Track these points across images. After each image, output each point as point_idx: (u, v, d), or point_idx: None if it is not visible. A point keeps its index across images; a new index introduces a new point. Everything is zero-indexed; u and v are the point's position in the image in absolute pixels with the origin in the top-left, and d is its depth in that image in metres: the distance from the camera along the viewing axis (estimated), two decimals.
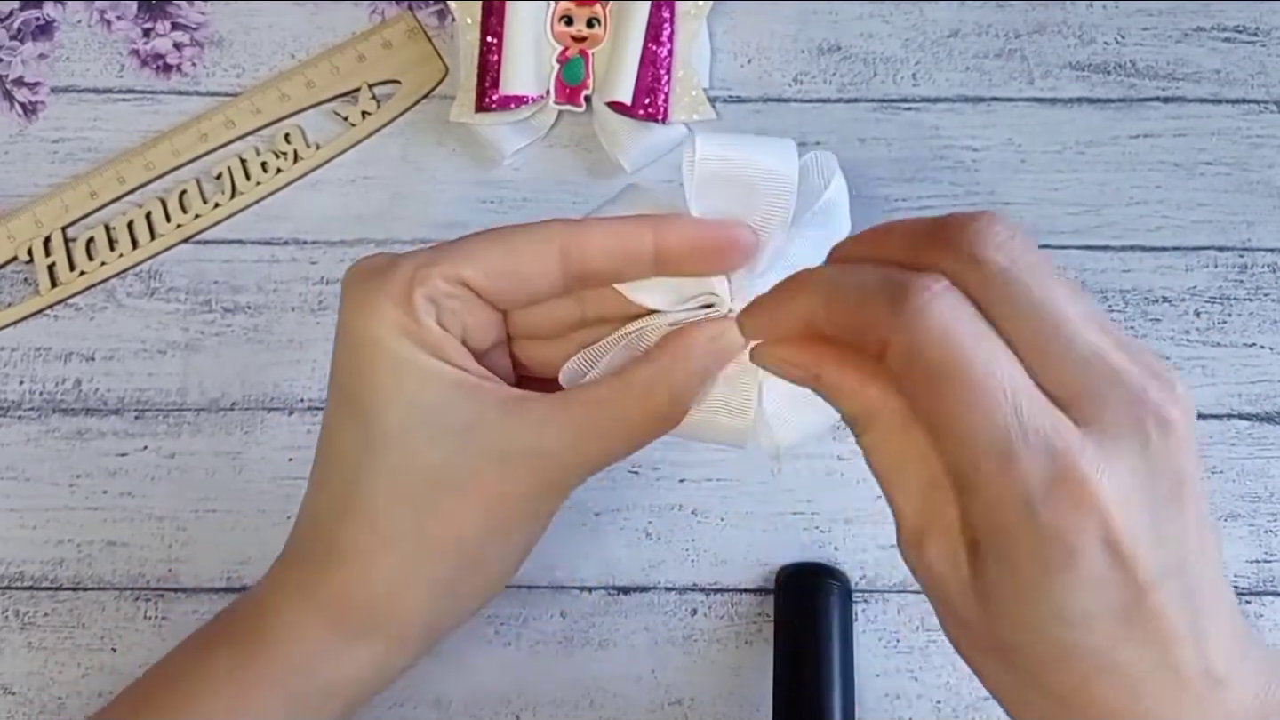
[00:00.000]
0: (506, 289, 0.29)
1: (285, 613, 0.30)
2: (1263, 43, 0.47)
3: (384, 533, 0.29)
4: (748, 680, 0.42)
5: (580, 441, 0.29)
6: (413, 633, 0.31)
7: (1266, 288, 0.45)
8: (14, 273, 0.46)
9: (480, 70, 0.45)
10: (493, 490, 0.29)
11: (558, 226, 0.30)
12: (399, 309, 0.28)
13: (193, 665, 0.32)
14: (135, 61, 0.48)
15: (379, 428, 0.29)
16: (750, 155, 0.30)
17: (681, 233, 0.30)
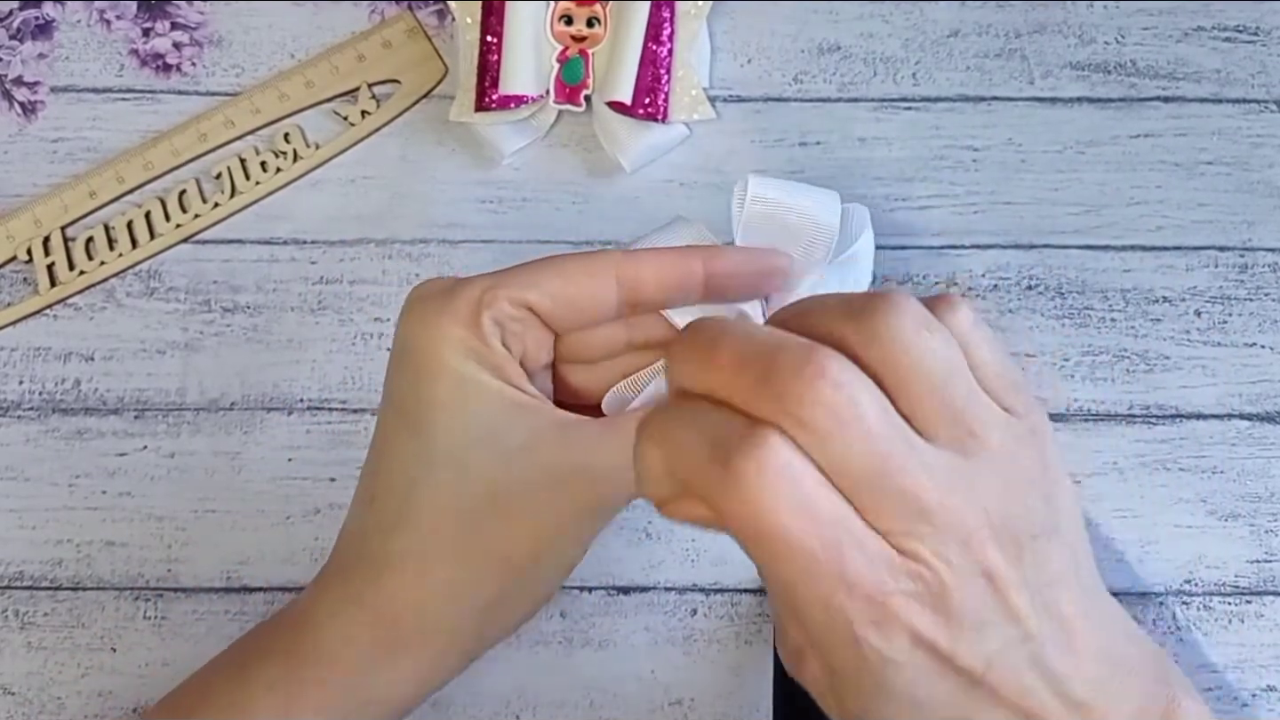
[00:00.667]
0: (567, 314, 0.31)
1: (330, 624, 0.31)
2: (1263, 42, 0.47)
3: (437, 545, 0.30)
4: (748, 680, 0.42)
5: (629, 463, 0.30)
6: (456, 647, 0.31)
7: (1267, 287, 0.45)
8: (13, 272, 0.46)
9: (480, 70, 0.45)
10: (545, 509, 0.30)
11: (615, 256, 0.31)
12: (465, 329, 0.30)
13: (233, 677, 0.32)
14: (135, 61, 0.48)
15: (438, 443, 0.30)
16: (797, 201, 0.33)
17: (729, 260, 0.32)
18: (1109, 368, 0.44)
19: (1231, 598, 0.42)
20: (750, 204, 0.33)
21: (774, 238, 0.33)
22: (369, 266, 0.46)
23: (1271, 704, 0.42)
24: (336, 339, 0.45)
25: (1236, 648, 0.42)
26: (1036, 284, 0.45)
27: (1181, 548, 0.43)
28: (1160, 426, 0.44)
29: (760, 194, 0.33)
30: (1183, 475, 0.43)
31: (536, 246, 0.46)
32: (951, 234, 0.46)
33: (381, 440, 0.32)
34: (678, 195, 0.46)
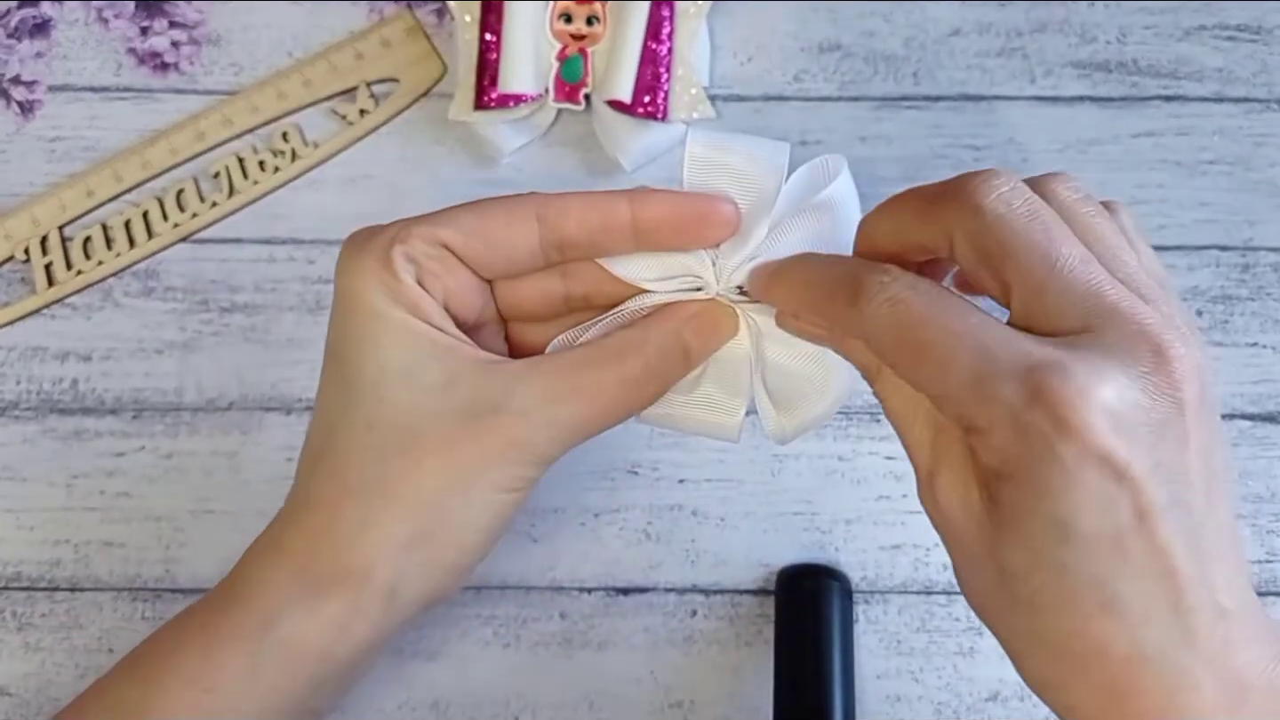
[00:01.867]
0: (484, 252, 0.30)
1: (255, 565, 0.31)
2: (1265, 41, 0.47)
3: (350, 482, 0.30)
4: (748, 682, 0.42)
5: (549, 401, 0.30)
6: (375, 592, 0.30)
7: (1269, 287, 0.45)
8: (11, 272, 0.46)
9: (479, 68, 0.45)
10: (459, 449, 0.29)
11: (538, 196, 0.30)
12: (379, 265, 0.30)
13: (175, 625, 0.33)
14: (132, 60, 0.48)
15: (355, 379, 0.30)
16: (742, 148, 0.31)
17: (659, 202, 0.30)
18: None
19: None
20: (690, 154, 0.31)
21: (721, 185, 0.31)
22: None
23: None
24: None
25: None
26: None
27: None
28: None
29: (701, 140, 0.31)
30: None
31: None
32: None
33: (320, 382, 0.32)
34: None
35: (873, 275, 0.25)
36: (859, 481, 0.43)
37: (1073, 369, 0.22)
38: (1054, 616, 0.23)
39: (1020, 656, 0.25)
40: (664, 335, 0.31)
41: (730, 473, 0.44)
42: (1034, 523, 0.23)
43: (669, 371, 0.31)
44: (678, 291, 0.31)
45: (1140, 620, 0.22)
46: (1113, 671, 0.23)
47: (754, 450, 0.44)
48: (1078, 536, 0.22)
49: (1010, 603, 0.24)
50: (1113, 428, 0.22)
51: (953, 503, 0.25)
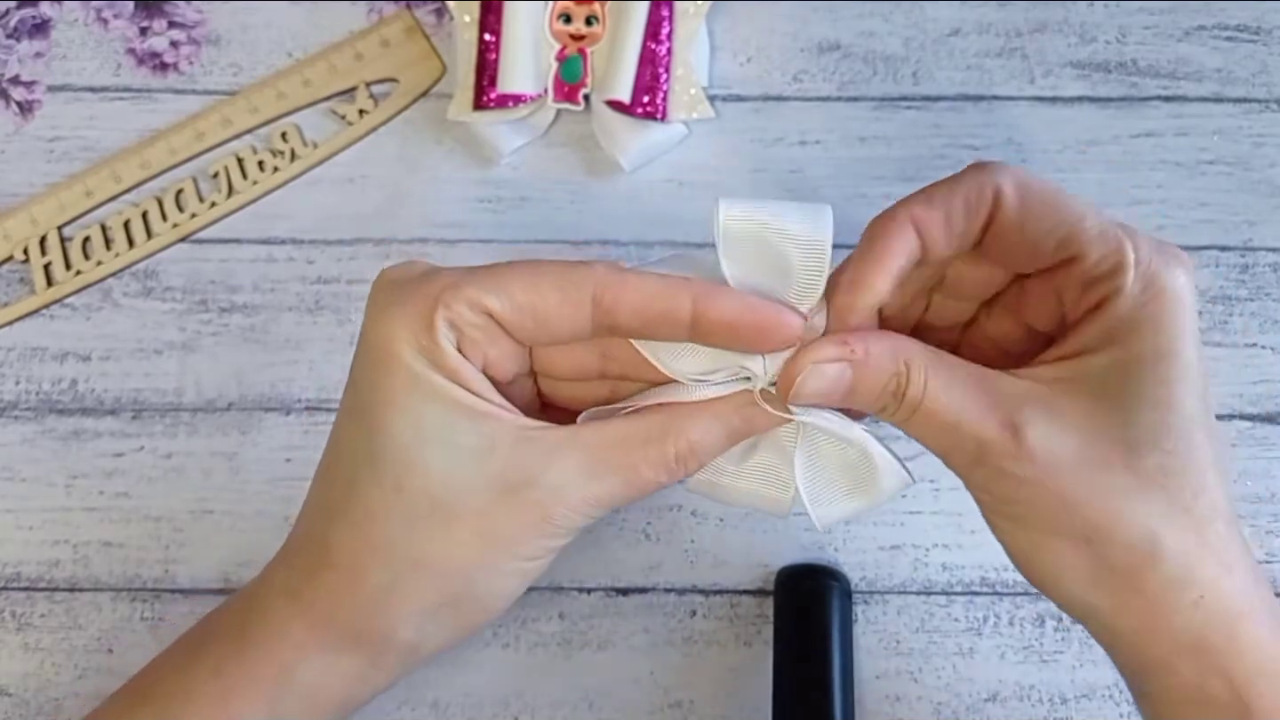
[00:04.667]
0: (530, 326, 0.29)
1: (271, 613, 0.30)
2: (1264, 42, 0.47)
3: (377, 544, 0.29)
4: (747, 682, 0.42)
5: (586, 478, 0.29)
6: (396, 650, 0.30)
7: (1268, 287, 0.45)
8: (10, 272, 0.46)
9: (478, 68, 0.45)
10: (492, 521, 0.29)
11: (597, 272, 0.28)
12: (419, 326, 0.28)
13: (182, 663, 0.32)
14: (132, 60, 0.48)
15: (385, 438, 0.28)
16: (780, 218, 0.29)
17: (724, 306, 0.28)
18: None
19: None
20: (726, 225, 0.29)
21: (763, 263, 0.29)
22: (367, 266, 0.45)
23: None
24: (334, 339, 0.45)
25: None
26: None
27: None
28: None
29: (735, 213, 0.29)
30: None
31: (535, 246, 0.46)
32: None
33: (336, 427, 0.30)
34: (676, 195, 0.46)
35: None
36: None
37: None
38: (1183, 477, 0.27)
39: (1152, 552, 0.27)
40: (710, 422, 0.30)
41: None
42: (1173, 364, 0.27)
43: (711, 453, 0.30)
44: (722, 384, 0.30)
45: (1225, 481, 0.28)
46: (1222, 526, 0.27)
47: None
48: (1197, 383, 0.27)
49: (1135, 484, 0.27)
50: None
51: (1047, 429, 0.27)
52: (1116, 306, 0.27)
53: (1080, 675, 0.41)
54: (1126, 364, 0.27)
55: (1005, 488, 0.28)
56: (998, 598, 0.42)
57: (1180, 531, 0.27)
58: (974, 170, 0.29)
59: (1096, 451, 0.27)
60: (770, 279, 0.29)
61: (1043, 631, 0.42)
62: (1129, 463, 0.27)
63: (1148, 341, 0.27)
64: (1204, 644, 0.27)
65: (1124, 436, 0.27)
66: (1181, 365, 0.27)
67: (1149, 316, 0.27)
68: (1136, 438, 0.27)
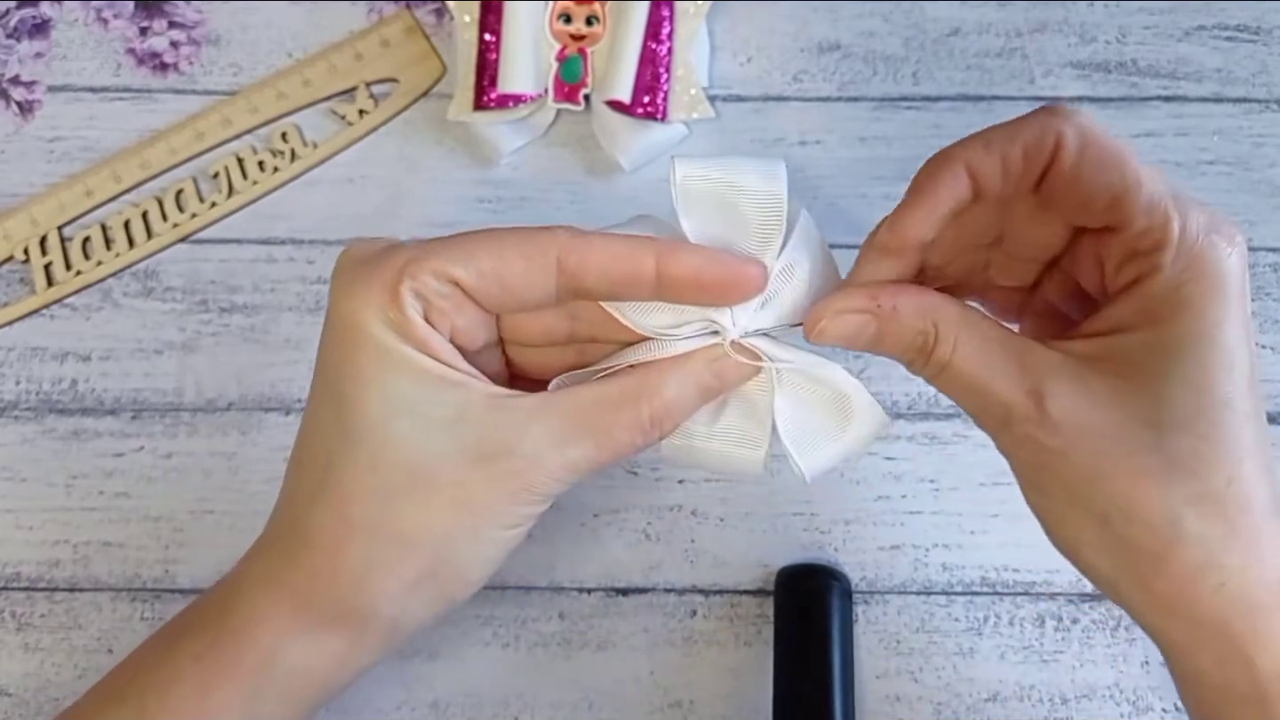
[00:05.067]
0: (497, 293, 0.29)
1: (251, 598, 0.30)
2: (1264, 42, 0.47)
3: (354, 522, 0.29)
4: (747, 682, 0.42)
5: (561, 443, 0.29)
6: (378, 627, 0.30)
7: (1268, 287, 0.45)
8: (10, 272, 0.46)
9: (478, 68, 0.45)
10: (470, 490, 0.29)
11: (560, 237, 0.29)
12: (385, 299, 0.28)
13: (162, 651, 0.32)
14: (132, 60, 0.48)
15: (357, 415, 0.28)
16: (734, 174, 0.29)
17: (688, 261, 0.29)
18: None
19: None
20: (681, 184, 0.29)
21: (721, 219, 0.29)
22: None
23: None
24: None
25: None
26: None
27: None
28: None
29: (689, 172, 0.29)
30: None
31: None
32: None
33: (308, 408, 0.30)
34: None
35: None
36: (858, 482, 0.43)
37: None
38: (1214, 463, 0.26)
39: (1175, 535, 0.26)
40: (682, 379, 0.30)
41: None
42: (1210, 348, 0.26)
43: (685, 412, 0.30)
44: (691, 339, 0.30)
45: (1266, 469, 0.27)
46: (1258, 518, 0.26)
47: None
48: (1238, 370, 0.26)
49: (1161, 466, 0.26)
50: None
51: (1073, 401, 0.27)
52: (1153, 285, 0.27)
53: (1080, 675, 0.41)
54: (1162, 344, 0.27)
55: (1030, 455, 0.28)
56: (998, 598, 0.42)
57: (1205, 517, 0.26)
58: (1040, 115, 0.28)
59: (1124, 430, 0.26)
60: (729, 233, 0.30)
61: (1043, 631, 0.42)
62: (1157, 444, 0.26)
63: (1184, 324, 0.26)
64: (1226, 631, 0.26)
65: (1154, 417, 0.26)
66: (1219, 350, 0.26)
67: (1188, 298, 0.27)
68: (1166, 419, 0.26)
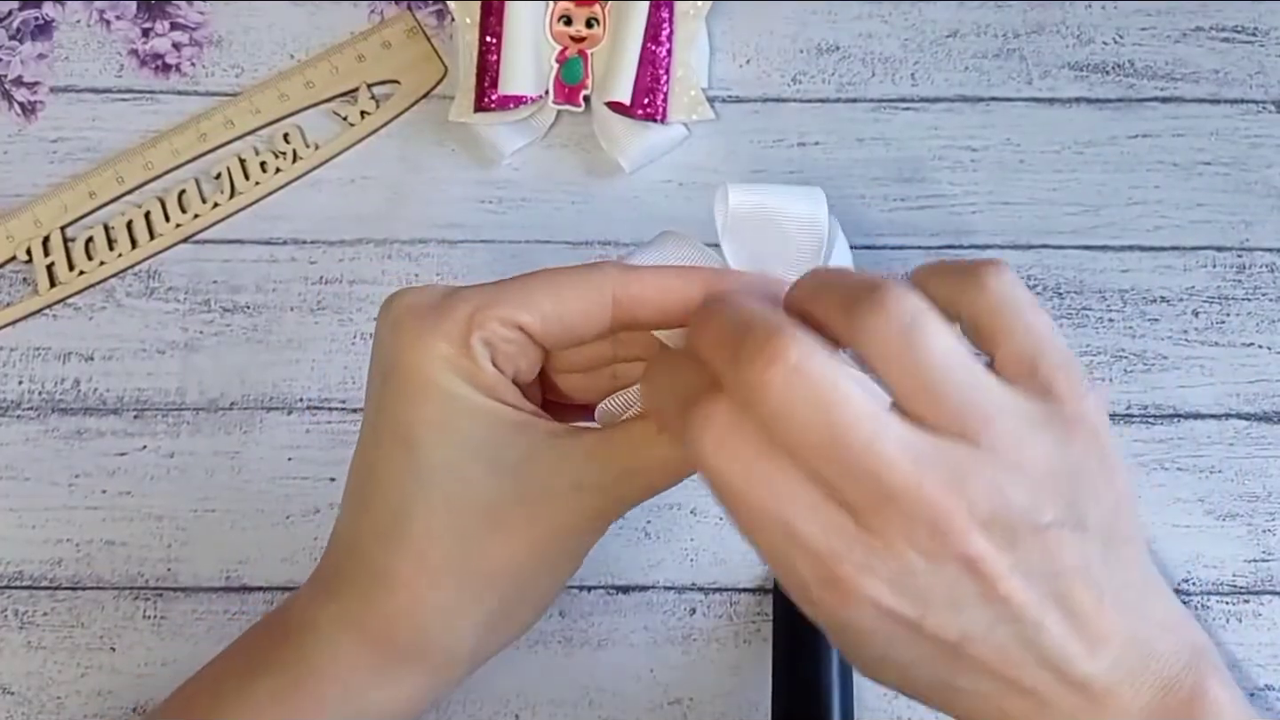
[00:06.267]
0: (558, 334, 0.30)
1: (331, 639, 0.30)
2: (1261, 43, 0.47)
3: (434, 564, 0.29)
4: (747, 679, 0.42)
5: (626, 476, 0.30)
6: (459, 662, 0.31)
7: (1265, 288, 0.45)
8: (13, 272, 0.46)
9: (479, 70, 0.45)
10: (544, 524, 0.29)
11: (611, 275, 0.30)
12: (454, 350, 0.29)
13: (240, 683, 0.32)
14: (134, 61, 0.48)
15: (432, 461, 0.29)
16: (782, 201, 0.32)
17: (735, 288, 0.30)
18: (1107, 368, 0.44)
19: (1229, 597, 0.43)
20: (734, 210, 0.32)
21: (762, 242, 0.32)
22: (368, 266, 0.46)
23: (1269, 703, 0.42)
24: (336, 339, 0.45)
25: (1234, 647, 0.42)
26: (1035, 284, 0.45)
27: (1179, 547, 0.43)
28: (1158, 426, 0.44)
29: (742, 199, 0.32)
30: (1180, 475, 0.44)
31: (535, 247, 0.46)
32: (950, 234, 0.46)
33: (371, 452, 0.31)
34: (676, 196, 0.46)
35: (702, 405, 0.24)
36: None
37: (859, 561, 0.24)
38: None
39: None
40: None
41: None
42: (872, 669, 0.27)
43: None
44: None
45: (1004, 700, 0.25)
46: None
47: None
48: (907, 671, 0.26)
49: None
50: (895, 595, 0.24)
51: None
52: None
53: None
54: None
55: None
56: None
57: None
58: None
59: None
60: (766, 256, 0.32)
61: None
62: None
63: None
64: None
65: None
66: None
67: None
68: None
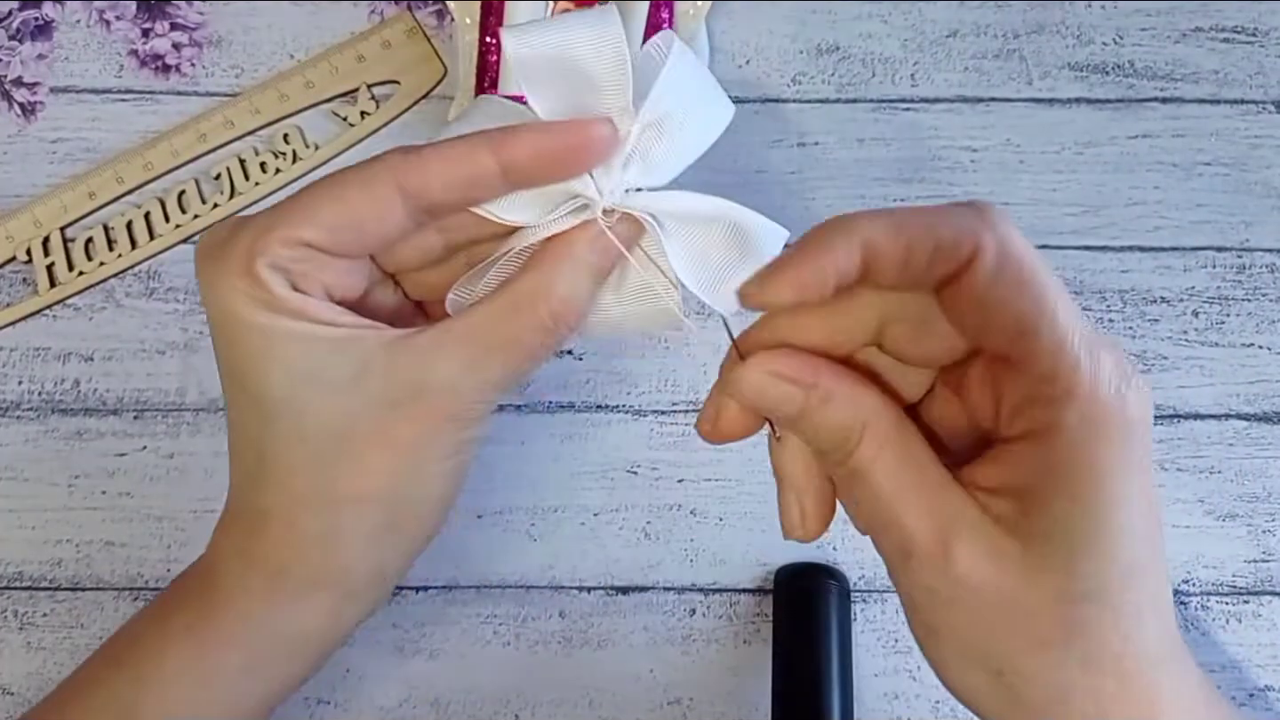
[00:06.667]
0: (352, 240, 0.28)
1: (230, 574, 0.31)
2: (1261, 43, 0.47)
3: (299, 493, 0.29)
4: (746, 680, 0.42)
5: (471, 368, 0.29)
6: (359, 581, 0.31)
7: (1264, 288, 0.45)
8: (13, 273, 0.46)
9: (479, 70, 0.45)
10: (396, 436, 0.29)
11: (393, 162, 0.28)
12: (246, 281, 0.28)
13: (152, 627, 0.32)
14: (134, 62, 0.48)
15: (265, 396, 0.29)
16: (568, 37, 0.28)
17: (526, 144, 0.27)
18: None
19: (1229, 598, 0.43)
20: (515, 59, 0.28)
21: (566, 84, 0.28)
22: None
23: (1269, 703, 0.42)
24: None
25: (1234, 647, 0.42)
26: None
27: (1179, 548, 0.43)
28: (1158, 426, 0.44)
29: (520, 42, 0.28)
30: (1180, 475, 0.44)
31: None
32: None
33: (228, 401, 0.31)
34: None
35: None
36: None
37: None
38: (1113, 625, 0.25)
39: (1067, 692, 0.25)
40: (571, 271, 0.29)
41: (729, 472, 0.44)
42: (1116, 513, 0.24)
43: (583, 300, 0.30)
44: (565, 217, 0.29)
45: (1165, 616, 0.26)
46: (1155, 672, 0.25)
47: (753, 450, 0.44)
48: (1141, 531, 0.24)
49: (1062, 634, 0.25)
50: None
51: (980, 561, 0.25)
52: (1055, 444, 0.25)
53: None
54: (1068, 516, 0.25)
55: (924, 597, 0.26)
56: None
57: (1098, 674, 0.25)
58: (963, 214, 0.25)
59: (1028, 599, 0.25)
60: (579, 98, 0.28)
61: None
62: (1057, 613, 0.25)
63: (1090, 494, 0.24)
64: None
65: (1059, 591, 0.25)
66: (1126, 517, 0.24)
67: (1094, 465, 0.24)
68: (1070, 590, 0.25)
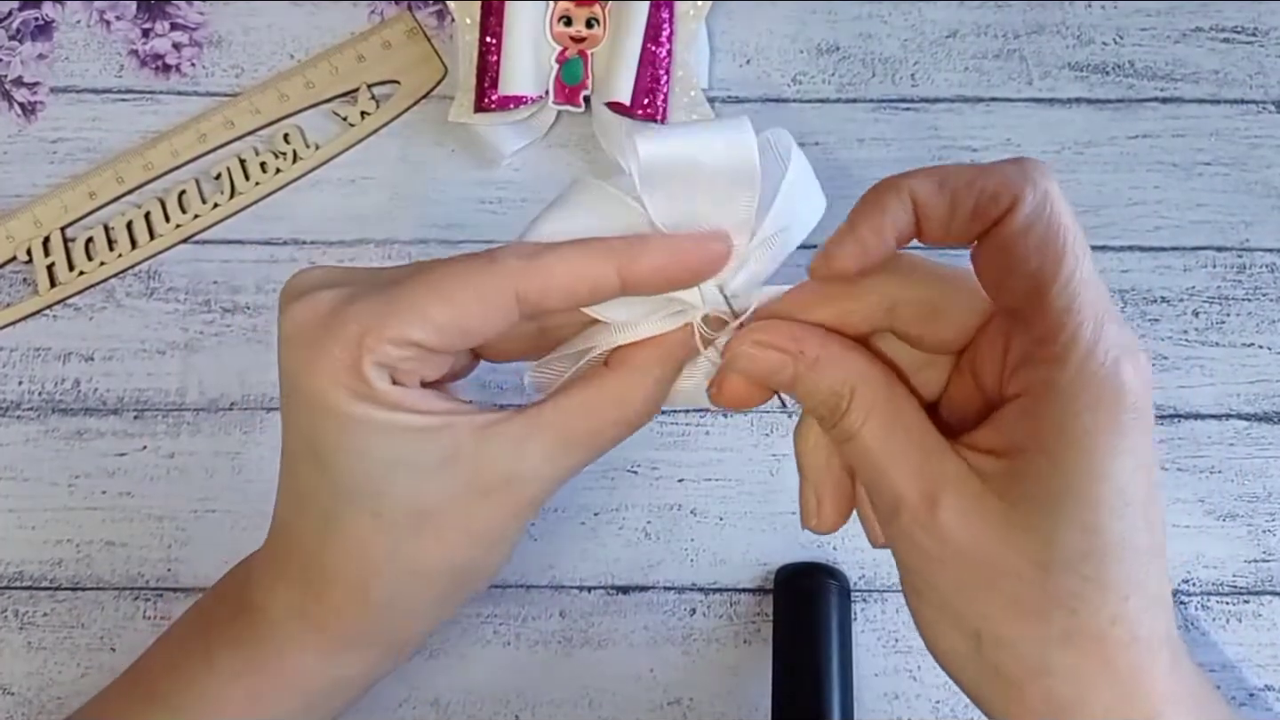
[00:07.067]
0: (459, 340, 0.28)
1: (285, 628, 0.31)
2: (1261, 43, 0.47)
3: (373, 562, 0.29)
4: (746, 680, 0.42)
5: (555, 458, 0.29)
6: (406, 645, 0.32)
7: (1265, 288, 0.45)
8: (13, 273, 0.46)
9: (479, 70, 0.45)
10: (475, 518, 0.29)
11: (512, 269, 0.27)
12: (350, 376, 0.27)
13: (200, 662, 0.32)
14: (134, 62, 0.48)
15: (346, 479, 0.28)
16: (700, 147, 0.28)
17: (649, 260, 0.28)
18: None
19: (1229, 597, 0.43)
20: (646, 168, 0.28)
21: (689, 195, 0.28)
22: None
23: (1269, 703, 0.42)
24: None
25: (1234, 647, 0.42)
26: None
27: (1179, 547, 0.43)
28: (1158, 426, 0.44)
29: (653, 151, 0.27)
30: (1180, 475, 0.44)
31: None
32: None
33: (292, 468, 0.30)
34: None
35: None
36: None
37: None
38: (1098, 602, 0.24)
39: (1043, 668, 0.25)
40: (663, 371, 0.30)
41: (729, 472, 0.44)
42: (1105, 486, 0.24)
43: (665, 395, 0.30)
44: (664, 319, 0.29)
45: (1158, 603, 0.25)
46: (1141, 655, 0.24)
47: (753, 450, 0.44)
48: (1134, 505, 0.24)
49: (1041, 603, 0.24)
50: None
51: (964, 517, 0.25)
52: (1046, 406, 0.25)
53: None
54: (1053, 479, 0.24)
55: (910, 555, 0.26)
56: None
57: (1079, 654, 0.24)
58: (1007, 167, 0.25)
59: (1008, 561, 0.25)
60: (696, 206, 0.28)
61: None
62: (1041, 581, 0.24)
63: (1077, 459, 0.24)
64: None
65: (1041, 557, 0.24)
66: (1113, 488, 0.24)
67: (1082, 430, 0.24)
68: (1054, 559, 0.24)
